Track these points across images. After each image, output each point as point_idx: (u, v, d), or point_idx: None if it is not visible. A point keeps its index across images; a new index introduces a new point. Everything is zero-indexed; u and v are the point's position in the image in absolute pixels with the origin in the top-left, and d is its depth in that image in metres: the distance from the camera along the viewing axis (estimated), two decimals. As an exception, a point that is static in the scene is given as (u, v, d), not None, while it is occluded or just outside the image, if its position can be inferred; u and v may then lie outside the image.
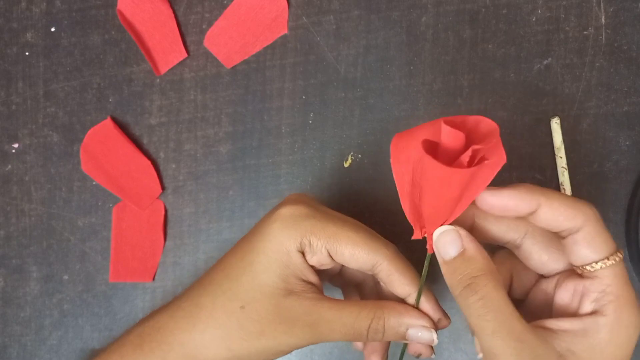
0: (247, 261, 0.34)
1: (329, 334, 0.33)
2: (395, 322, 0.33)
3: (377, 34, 0.44)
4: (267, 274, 0.33)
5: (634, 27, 0.43)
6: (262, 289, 0.33)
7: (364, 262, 0.34)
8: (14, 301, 0.44)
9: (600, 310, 0.30)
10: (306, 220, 0.33)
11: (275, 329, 0.33)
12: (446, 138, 0.28)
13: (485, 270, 0.30)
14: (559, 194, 0.31)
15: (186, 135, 0.44)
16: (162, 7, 0.44)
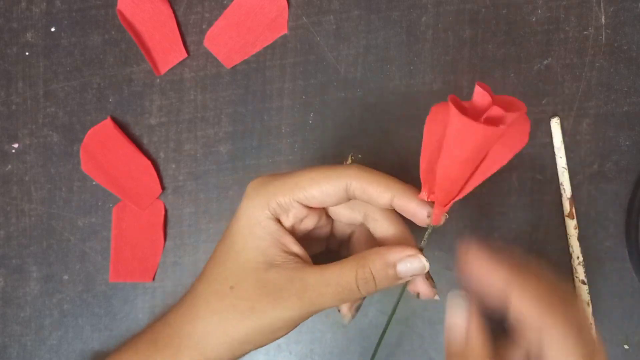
0: (228, 244, 0.34)
1: (318, 299, 0.33)
2: (380, 264, 0.33)
3: (377, 34, 0.44)
4: (246, 250, 0.34)
5: (634, 27, 0.43)
6: (245, 267, 0.33)
7: (335, 192, 0.33)
8: (14, 301, 0.44)
9: None
10: (266, 186, 0.34)
11: (264, 304, 0.33)
12: (476, 97, 0.29)
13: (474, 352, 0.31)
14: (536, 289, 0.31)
15: (186, 135, 0.44)
16: (162, 7, 0.44)
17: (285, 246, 0.34)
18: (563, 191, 0.43)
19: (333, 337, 0.44)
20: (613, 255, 0.43)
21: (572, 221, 0.42)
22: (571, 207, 0.42)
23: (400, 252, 0.33)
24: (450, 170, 0.30)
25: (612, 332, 0.42)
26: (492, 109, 0.28)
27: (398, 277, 0.33)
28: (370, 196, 0.33)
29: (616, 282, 0.43)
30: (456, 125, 0.28)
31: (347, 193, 0.33)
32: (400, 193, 0.33)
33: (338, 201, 0.34)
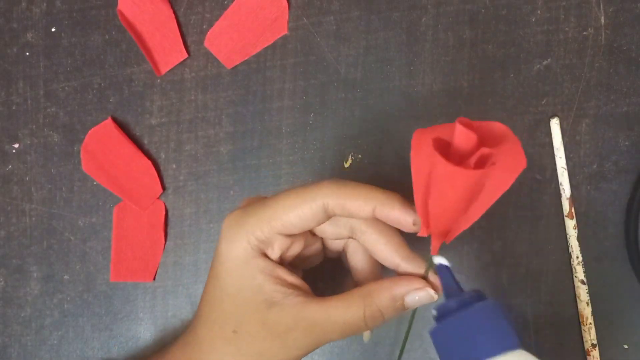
0: (220, 287, 0.33)
1: (326, 336, 0.32)
2: (387, 299, 0.32)
3: (377, 34, 0.44)
4: (242, 291, 0.32)
5: (633, 27, 0.43)
6: (245, 309, 0.32)
7: (313, 215, 0.32)
8: (14, 301, 0.45)
9: None
10: (242, 224, 0.32)
11: (271, 347, 0.32)
12: (459, 138, 0.28)
13: None
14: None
15: (187, 135, 0.44)
16: (163, 7, 0.44)
17: (280, 279, 0.32)
18: (562, 191, 0.43)
19: (333, 336, 0.44)
20: (613, 255, 0.43)
21: (571, 221, 0.43)
22: (570, 207, 0.42)
23: (407, 285, 0.32)
24: (444, 209, 0.29)
25: (612, 332, 0.42)
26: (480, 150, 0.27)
27: (405, 308, 0.33)
28: (350, 211, 0.32)
29: (616, 282, 0.43)
30: (444, 173, 0.27)
31: (326, 213, 0.32)
32: (381, 203, 0.32)
33: (318, 222, 0.33)
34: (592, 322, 0.42)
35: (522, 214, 0.43)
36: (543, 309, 0.43)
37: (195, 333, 0.35)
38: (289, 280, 0.33)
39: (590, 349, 0.42)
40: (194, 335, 0.35)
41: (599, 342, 0.42)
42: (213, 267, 0.34)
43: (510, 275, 0.43)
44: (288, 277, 0.33)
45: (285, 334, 0.32)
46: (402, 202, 0.32)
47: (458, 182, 0.27)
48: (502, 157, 0.28)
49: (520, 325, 0.43)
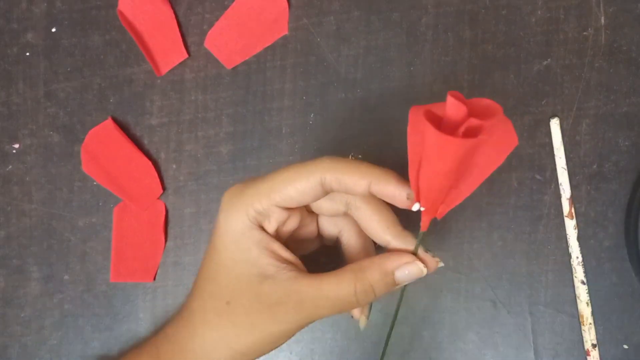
0: (216, 260, 0.34)
1: (316, 311, 0.32)
2: (379, 274, 0.33)
3: (377, 34, 0.44)
4: (237, 264, 0.33)
5: (633, 28, 0.43)
6: (239, 281, 0.33)
7: (311, 188, 0.33)
8: (14, 301, 0.45)
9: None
10: (241, 195, 0.33)
11: (262, 319, 0.33)
12: (449, 109, 0.28)
13: None
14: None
15: (187, 135, 0.44)
16: (163, 7, 0.44)
17: (275, 253, 0.33)
18: (562, 191, 0.43)
19: (333, 337, 0.44)
20: (612, 255, 0.43)
21: (571, 221, 0.43)
22: (570, 207, 0.42)
23: (397, 259, 0.33)
24: (433, 181, 0.30)
25: (612, 332, 0.42)
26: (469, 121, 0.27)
27: (396, 284, 0.33)
28: (346, 186, 0.33)
29: (616, 282, 0.43)
30: (433, 141, 0.28)
31: (323, 187, 0.33)
32: (376, 178, 0.32)
33: (316, 197, 0.33)
34: (592, 322, 0.42)
35: (522, 214, 0.43)
36: (543, 309, 0.43)
37: (189, 307, 0.35)
38: (284, 256, 0.33)
39: (590, 349, 0.42)
40: (188, 309, 0.35)
41: (599, 342, 0.42)
42: (211, 241, 0.35)
43: (510, 275, 0.43)
44: (283, 252, 0.33)
45: (277, 306, 0.32)
46: (398, 178, 0.33)
47: (447, 151, 0.28)
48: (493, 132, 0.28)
49: (520, 325, 0.43)
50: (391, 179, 0.33)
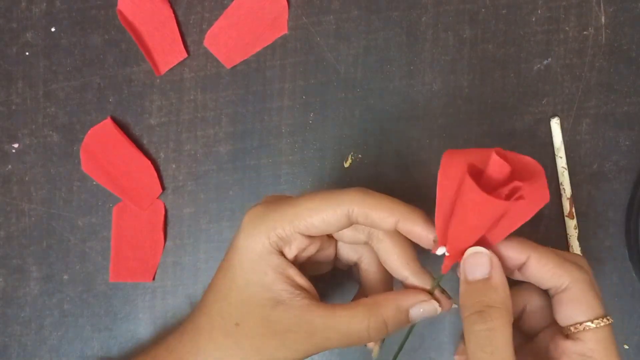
0: (230, 278, 0.33)
1: (326, 343, 0.32)
2: (393, 311, 0.32)
3: (377, 34, 0.44)
4: (250, 286, 0.33)
5: (633, 27, 0.43)
6: (250, 303, 0.33)
7: (337, 220, 0.32)
8: (14, 301, 0.44)
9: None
10: (264, 218, 0.33)
11: (269, 345, 0.32)
12: (493, 167, 0.28)
13: (502, 304, 0.30)
14: (552, 251, 0.31)
15: (186, 135, 0.44)
16: (162, 7, 0.44)
17: (290, 279, 0.33)
18: (563, 191, 0.43)
19: (333, 337, 0.44)
20: (613, 255, 0.43)
21: (572, 221, 0.42)
22: (571, 207, 0.42)
23: (414, 297, 0.33)
24: (464, 233, 0.30)
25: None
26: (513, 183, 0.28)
27: (409, 321, 0.33)
28: (373, 221, 0.32)
29: (616, 282, 0.43)
30: (473, 198, 0.28)
31: (349, 219, 0.32)
32: (405, 216, 0.32)
33: (340, 228, 0.33)
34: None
35: (522, 214, 0.43)
36: (543, 309, 0.43)
37: (195, 322, 0.35)
38: (299, 282, 0.33)
39: (591, 349, 0.42)
40: (193, 324, 0.35)
41: (600, 343, 0.42)
42: (227, 259, 0.34)
43: (510, 276, 0.43)
44: (298, 278, 0.33)
45: (286, 333, 0.32)
46: (425, 218, 0.32)
47: (486, 210, 0.28)
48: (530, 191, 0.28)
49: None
50: (419, 219, 0.32)
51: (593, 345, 0.30)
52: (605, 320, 0.30)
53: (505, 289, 0.30)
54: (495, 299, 0.30)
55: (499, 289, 0.30)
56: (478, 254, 0.30)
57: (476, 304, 0.30)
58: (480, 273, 0.30)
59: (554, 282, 0.30)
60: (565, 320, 0.31)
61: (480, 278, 0.30)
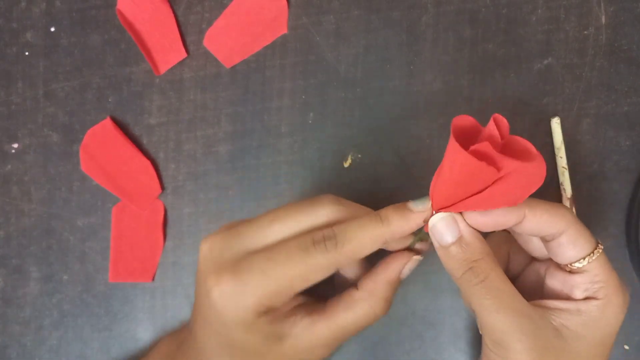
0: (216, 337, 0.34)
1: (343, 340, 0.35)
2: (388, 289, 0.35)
3: (377, 33, 0.44)
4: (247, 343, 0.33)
5: (634, 27, 0.43)
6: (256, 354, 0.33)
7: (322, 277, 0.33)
8: (13, 301, 0.44)
9: (592, 296, 0.32)
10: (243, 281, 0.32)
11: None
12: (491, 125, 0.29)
13: (484, 254, 0.31)
14: (539, 202, 0.33)
15: (186, 135, 0.44)
16: (162, 6, 0.44)
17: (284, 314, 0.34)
18: (563, 191, 0.43)
19: (333, 337, 0.44)
20: (613, 255, 0.43)
21: (572, 221, 0.42)
22: (571, 207, 0.42)
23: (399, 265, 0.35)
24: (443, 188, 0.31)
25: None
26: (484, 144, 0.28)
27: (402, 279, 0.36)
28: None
29: (616, 282, 0.43)
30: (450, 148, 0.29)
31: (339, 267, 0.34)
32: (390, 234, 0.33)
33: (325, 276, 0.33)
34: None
35: (522, 214, 0.43)
36: (543, 310, 0.43)
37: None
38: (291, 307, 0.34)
39: (591, 349, 0.42)
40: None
41: (600, 343, 0.42)
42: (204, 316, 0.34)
43: (510, 276, 0.43)
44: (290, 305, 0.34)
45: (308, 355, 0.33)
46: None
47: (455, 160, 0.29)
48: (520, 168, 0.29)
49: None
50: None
51: (598, 271, 0.32)
52: (599, 247, 0.33)
53: (480, 239, 0.32)
54: (475, 252, 0.31)
55: (475, 242, 0.31)
56: (442, 220, 0.32)
57: (462, 265, 0.31)
58: (451, 236, 0.31)
59: (552, 229, 0.32)
60: (568, 259, 0.33)
61: (452, 240, 0.31)
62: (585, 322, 0.32)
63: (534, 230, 0.32)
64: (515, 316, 0.30)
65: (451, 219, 0.31)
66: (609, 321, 0.32)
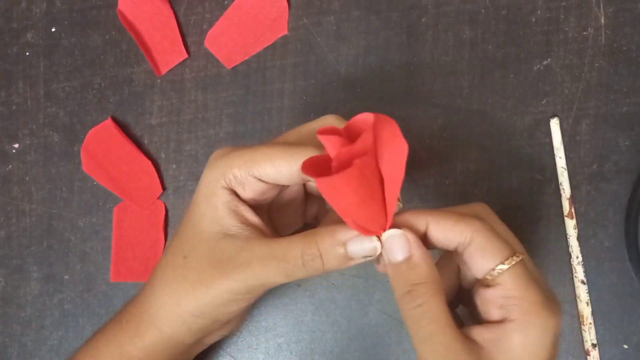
0: (188, 216, 0.34)
1: (263, 272, 0.31)
2: (329, 242, 0.31)
3: (377, 34, 0.44)
4: (203, 220, 0.33)
5: (633, 27, 0.43)
6: (200, 236, 0.33)
7: (289, 172, 0.32)
8: (14, 301, 0.45)
9: (507, 317, 0.30)
10: (225, 158, 0.33)
11: (211, 275, 0.32)
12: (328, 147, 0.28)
13: (427, 279, 0.30)
14: (445, 212, 0.31)
15: (187, 135, 0.44)
16: (163, 7, 0.44)
17: (241, 215, 0.33)
18: (562, 191, 0.43)
19: (333, 337, 0.44)
20: (612, 255, 0.43)
21: (571, 221, 0.42)
22: (570, 207, 0.42)
23: (351, 231, 0.31)
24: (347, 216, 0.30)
25: (612, 332, 0.42)
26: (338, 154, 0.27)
27: (349, 257, 0.31)
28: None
29: (616, 282, 0.43)
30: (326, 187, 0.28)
31: (300, 175, 0.32)
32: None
33: (292, 181, 0.33)
34: (592, 322, 0.42)
35: (522, 214, 0.43)
36: (543, 309, 0.43)
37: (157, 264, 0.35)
38: (250, 220, 0.33)
39: (590, 349, 0.42)
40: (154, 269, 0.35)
41: (599, 342, 0.42)
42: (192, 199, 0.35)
43: (510, 275, 0.43)
44: (251, 216, 0.33)
45: (225, 262, 0.32)
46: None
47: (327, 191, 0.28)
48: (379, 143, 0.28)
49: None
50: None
51: (511, 284, 0.30)
52: (515, 258, 0.30)
53: (428, 263, 0.30)
54: (419, 275, 0.30)
55: (422, 265, 0.30)
56: (394, 237, 0.30)
57: (404, 285, 0.30)
58: (401, 254, 0.30)
59: (457, 239, 0.30)
60: (479, 272, 0.30)
61: (401, 259, 0.30)
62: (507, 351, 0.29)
63: (440, 239, 0.31)
64: (442, 350, 0.29)
65: (404, 238, 0.30)
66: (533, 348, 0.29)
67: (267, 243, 0.32)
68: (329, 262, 0.31)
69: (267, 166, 0.32)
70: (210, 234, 0.33)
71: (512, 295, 0.29)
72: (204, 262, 0.32)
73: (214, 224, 0.33)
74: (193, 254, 0.33)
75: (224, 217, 0.33)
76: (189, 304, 0.33)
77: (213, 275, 0.32)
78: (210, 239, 0.33)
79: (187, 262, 0.33)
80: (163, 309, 0.33)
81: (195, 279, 0.32)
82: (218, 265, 0.32)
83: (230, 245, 0.32)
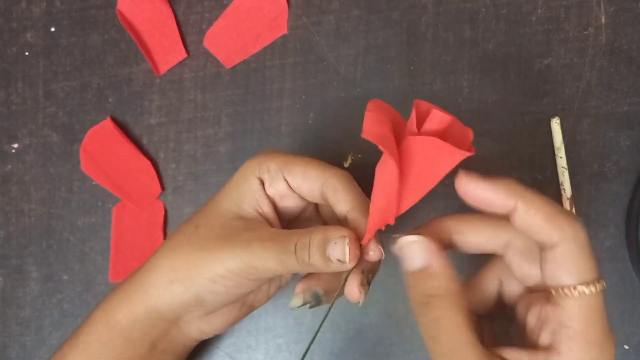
0: (215, 196, 0.36)
1: (261, 253, 0.31)
2: (321, 237, 0.31)
3: (377, 33, 0.44)
4: (226, 199, 0.35)
5: (634, 27, 0.43)
6: (217, 212, 0.35)
7: (314, 179, 0.34)
8: (13, 301, 0.44)
9: (554, 346, 0.27)
10: (267, 153, 0.35)
11: (214, 244, 0.33)
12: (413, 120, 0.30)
13: (445, 291, 0.28)
14: (542, 200, 0.28)
15: (186, 135, 0.44)
16: (162, 7, 0.44)
17: (259, 206, 0.34)
18: (563, 191, 0.43)
19: (333, 337, 0.44)
20: (613, 255, 0.43)
21: (572, 221, 0.42)
22: (571, 207, 0.42)
23: (337, 231, 0.31)
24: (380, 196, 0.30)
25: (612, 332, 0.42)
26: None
27: (330, 260, 0.31)
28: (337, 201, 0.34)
29: (616, 282, 0.43)
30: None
31: (322, 187, 0.34)
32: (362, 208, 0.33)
33: (311, 196, 0.35)
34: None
35: (522, 214, 0.43)
36: (543, 310, 0.43)
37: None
38: (266, 211, 0.35)
39: (591, 349, 0.42)
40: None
41: (600, 343, 0.42)
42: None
43: (510, 276, 0.43)
44: (267, 207, 0.35)
45: (231, 237, 0.33)
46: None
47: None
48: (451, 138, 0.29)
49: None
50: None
51: (577, 314, 0.26)
52: (592, 288, 0.26)
53: (447, 274, 0.29)
54: (437, 287, 0.28)
55: (440, 276, 0.28)
56: (413, 243, 0.29)
57: (420, 296, 0.29)
58: (419, 262, 0.29)
59: (542, 236, 0.27)
60: (551, 281, 0.27)
61: (419, 267, 0.29)
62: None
63: (522, 227, 0.28)
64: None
65: (424, 245, 0.29)
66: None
67: (273, 229, 0.34)
68: (314, 256, 0.31)
69: (298, 171, 0.34)
70: (227, 212, 0.34)
71: (571, 327, 0.26)
72: (211, 233, 0.34)
73: (235, 205, 0.34)
74: (205, 225, 0.34)
75: (246, 202, 0.34)
76: (182, 269, 0.33)
77: (216, 245, 0.33)
78: (225, 216, 0.34)
79: (197, 231, 0.34)
80: (156, 269, 0.34)
81: (198, 247, 0.33)
82: (223, 237, 0.33)
83: (240, 224, 0.34)
